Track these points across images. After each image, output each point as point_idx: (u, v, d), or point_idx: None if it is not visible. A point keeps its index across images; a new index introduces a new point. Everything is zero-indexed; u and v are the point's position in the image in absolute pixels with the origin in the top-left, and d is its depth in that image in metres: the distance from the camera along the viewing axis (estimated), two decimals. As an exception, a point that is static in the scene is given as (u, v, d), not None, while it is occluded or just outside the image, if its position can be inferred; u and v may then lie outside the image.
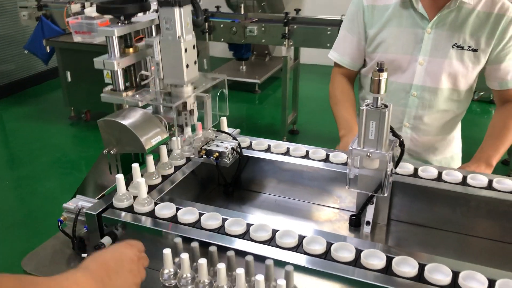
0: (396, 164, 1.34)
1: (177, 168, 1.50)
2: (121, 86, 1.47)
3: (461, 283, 0.99)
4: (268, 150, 1.62)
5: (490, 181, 1.38)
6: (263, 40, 4.27)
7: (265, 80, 5.91)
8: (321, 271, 1.06)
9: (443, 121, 1.83)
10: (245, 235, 1.17)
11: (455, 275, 1.01)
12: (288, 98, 4.33)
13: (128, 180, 1.40)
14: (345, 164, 1.51)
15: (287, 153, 1.59)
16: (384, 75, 1.18)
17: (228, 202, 1.61)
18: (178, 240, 1.19)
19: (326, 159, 1.55)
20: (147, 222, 1.24)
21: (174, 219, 1.24)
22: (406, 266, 1.04)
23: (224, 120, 1.65)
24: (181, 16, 1.38)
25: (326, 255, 1.09)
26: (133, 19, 1.47)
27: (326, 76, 2.25)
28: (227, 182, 1.61)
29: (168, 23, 1.39)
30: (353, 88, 1.98)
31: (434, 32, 1.70)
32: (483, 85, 1.83)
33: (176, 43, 1.40)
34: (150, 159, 1.40)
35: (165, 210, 1.26)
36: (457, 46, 1.68)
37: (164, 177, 1.45)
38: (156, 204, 1.29)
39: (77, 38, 4.69)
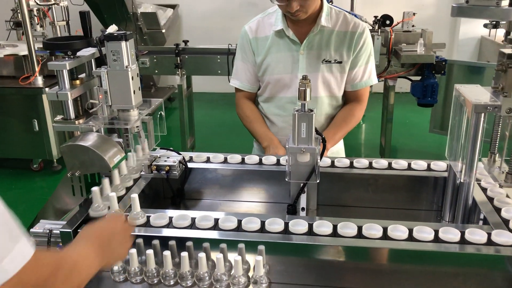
0: (320, 157, 1.66)
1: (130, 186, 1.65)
2: (72, 115, 1.60)
3: (390, 234, 1.32)
4: (208, 161, 1.84)
5: (390, 163, 1.77)
6: (156, 71, 4.47)
7: (155, 111, 6.05)
8: (285, 242, 1.31)
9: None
10: (215, 227, 1.38)
11: (385, 229, 1.34)
12: (186, 124, 4.55)
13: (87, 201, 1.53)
14: (276, 164, 1.80)
15: (225, 161, 1.83)
16: (309, 85, 1.49)
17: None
18: (156, 242, 1.36)
19: (260, 162, 1.82)
20: (122, 231, 1.39)
21: (147, 224, 1.41)
22: (348, 229, 1.34)
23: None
24: (127, 49, 1.57)
25: (286, 231, 1.35)
26: (78, 54, 1.61)
27: (214, 102, 2.57)
28: (174, 194, 1.80)
29: (116, 55, 1.56)
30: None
31: (306, 53, 2.08)
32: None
33: (124, 72, 1.58)
34: (115, 173, 1.54)
35: (137, 218, 1.42)
36: (326, 61, 2.09)
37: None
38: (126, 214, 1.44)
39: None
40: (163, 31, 6.23)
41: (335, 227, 1.35)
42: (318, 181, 1.59)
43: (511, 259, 1.24)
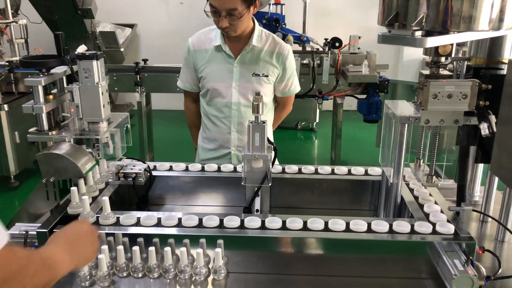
0: (272, 163, 1.87)
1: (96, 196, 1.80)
2: (46, 127, 1.74)
3: (330, 226, 1.54)
4: (170, 169, 2.02)
5: (333, 169, 2.01)
6: (116, 88, 4.59)
7: (113, 128, 6.13)
8: (241, 236, 1.51)
9: None
10: (179, 224, 1.56)
11: (326, 223, 1.56)
12: (145, 140, 4.68)
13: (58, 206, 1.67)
14: (233, 171, 2.00)
15: (186, 169, 2.02)
16: (261, 100, 1.71)
17: (143, 216, 1.95)
18: (126, 239, 1.52)
19: (218, 170, 2.01)
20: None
21: (117, 224, 1.57)
22: (295, 223, 1.55)
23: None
24: (98, 67, 1.74)
25: (242, 226, 1.55)
26: (51, 71, 1.76)
27: (172, 119, 2.83)
28: (140, 200, 1.96)
29: (87, 73, 1.72)
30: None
31: (239, 66, 2.41)
32: (305, 115, 2.55)
33: (95, 88, 1.74)
34: (81, 182, 1.69)
35: (107, 218, 1.58)
36: (255, 74, 2.42)
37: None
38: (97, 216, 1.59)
39: None
40: (122, 49, 6.36)
41: (284, 222, 1.56)
42: (270, 184, 1.80)
43: (431, 245, 1.49)
